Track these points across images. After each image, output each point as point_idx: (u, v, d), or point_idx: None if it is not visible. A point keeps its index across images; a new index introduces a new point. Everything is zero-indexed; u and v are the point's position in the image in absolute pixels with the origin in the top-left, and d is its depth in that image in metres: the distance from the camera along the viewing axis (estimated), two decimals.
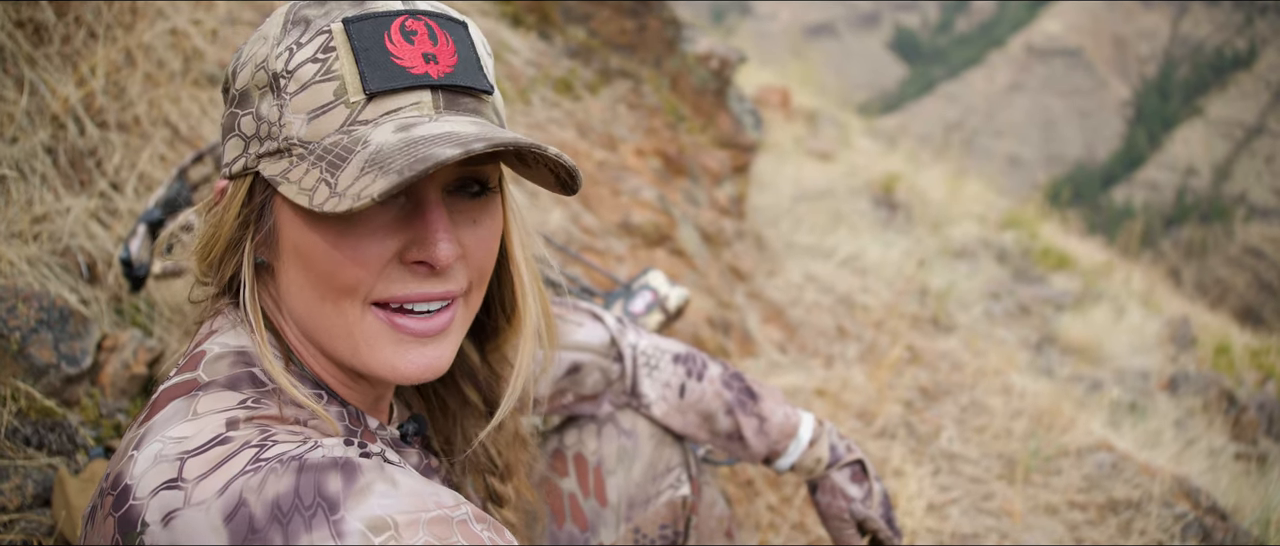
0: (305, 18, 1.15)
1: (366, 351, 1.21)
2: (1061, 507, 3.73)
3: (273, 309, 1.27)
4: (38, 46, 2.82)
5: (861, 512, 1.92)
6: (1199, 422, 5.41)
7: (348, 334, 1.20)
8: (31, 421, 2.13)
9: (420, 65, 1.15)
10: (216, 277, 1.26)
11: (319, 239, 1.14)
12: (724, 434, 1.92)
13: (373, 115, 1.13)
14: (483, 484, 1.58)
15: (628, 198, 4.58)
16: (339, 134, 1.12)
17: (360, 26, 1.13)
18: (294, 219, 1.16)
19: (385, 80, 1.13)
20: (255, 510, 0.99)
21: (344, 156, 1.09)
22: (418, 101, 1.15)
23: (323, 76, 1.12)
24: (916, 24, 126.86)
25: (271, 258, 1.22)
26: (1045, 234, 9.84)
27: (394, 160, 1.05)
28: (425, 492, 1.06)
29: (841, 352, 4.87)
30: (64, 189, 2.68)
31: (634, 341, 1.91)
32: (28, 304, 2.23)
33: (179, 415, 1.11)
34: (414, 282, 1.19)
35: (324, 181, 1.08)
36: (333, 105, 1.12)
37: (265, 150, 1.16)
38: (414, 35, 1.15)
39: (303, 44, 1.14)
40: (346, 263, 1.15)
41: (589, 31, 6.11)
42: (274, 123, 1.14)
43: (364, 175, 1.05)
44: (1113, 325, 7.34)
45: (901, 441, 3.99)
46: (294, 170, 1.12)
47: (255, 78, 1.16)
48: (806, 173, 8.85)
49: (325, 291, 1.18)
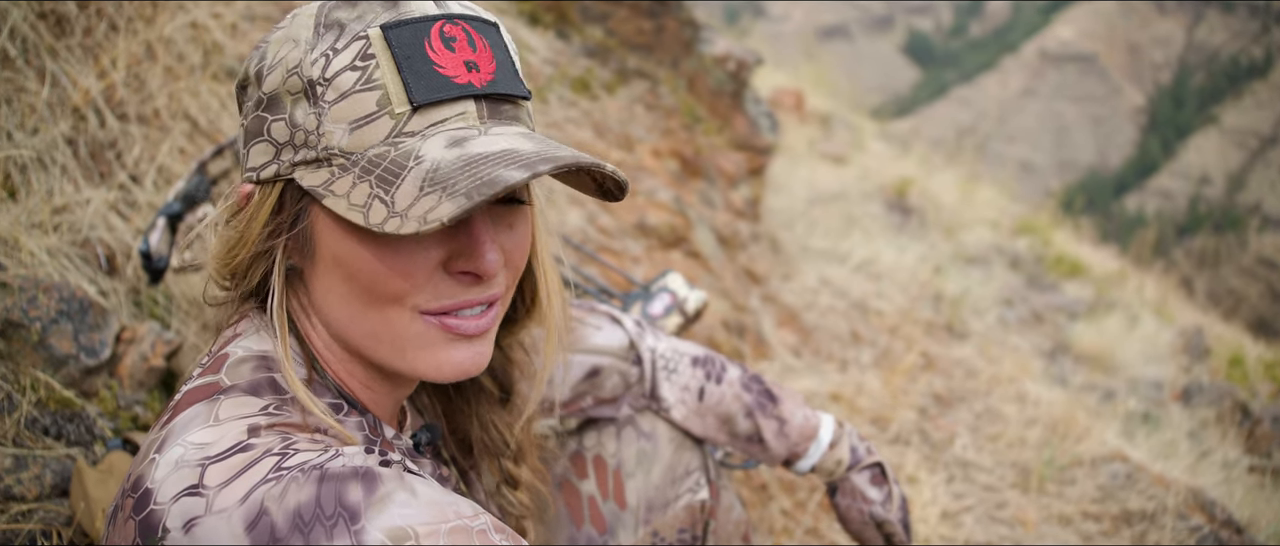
0: (338, 21, 1.13)
1: (413, 354, 1.21)
2: (1075, 518, 3.72)
3: (298, 313, 1.26)
4: (60, 38, 2.83)
5: (881, 515, 1.91)
6: (1213, 434, 5.38)
7: (394, 339, 1.20)
8: (50, 412, 2.13)
9: (463, 74, 1.14)
10: (241, 283, 1.24)
11: (364, 251, 1.14)
12: (744, 436, 1.91)
13: (419, 126, 1.12)
14: (497, 467, 1.58)
15: (644, 199, 4.58)
16: (385, 146, 1.11)
17: (399, 33, 1.11)
18: (335, 229, 1.15)
19: (430, 91, 1.11)
20: (277, 519, 0.99)
21: (396, 171, 1.08)
22: (463, 112, 1.14)
23: (364, 85, 1.11)
24: (930, 27, 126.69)
25: (303, 264, 1.21)
26: (1058, 241, 9.82)
27: (456, 181, 1.04)
28: (444, 502, 1.07)
29: (856, 357, 4.87)
30: (84, 180, 2.68)
31: (653, 345, 1.90)
32: (48, 294, 2.23)
33: (200, 419, 1.11)
34: (460, 290, 1.20)
35: (378, 198, 1.07)
36: (376, 116, 1.11)
37: (300, 158, 1.14)
38: (454, 41, 1.14)
39: (338, 50, 1.11)
40: (393, 274, 1.15)
41: (607, 31, 6.11)
42: (312, 131, 1.12)
43: (425, 195, 1.04)
44: (1126, 334, 7.32)
45: (915, 448, 3.98)
46: (338, 182, 1.11)
47: (287, 83, 1.13)
48: (820, 176, 8.84)
49: (370, 300, 1.17)
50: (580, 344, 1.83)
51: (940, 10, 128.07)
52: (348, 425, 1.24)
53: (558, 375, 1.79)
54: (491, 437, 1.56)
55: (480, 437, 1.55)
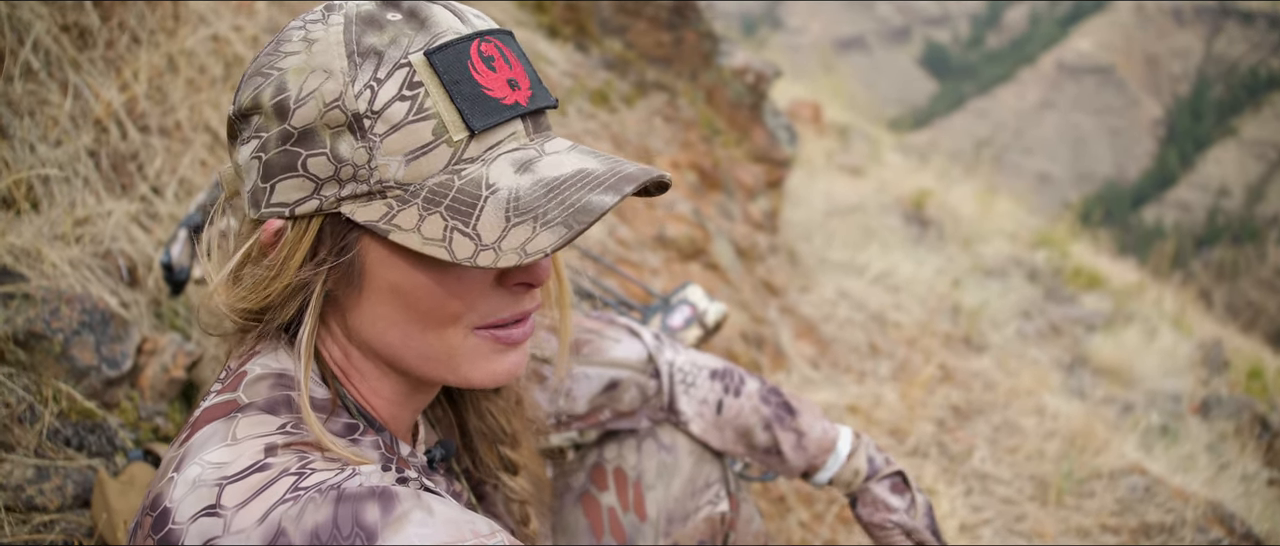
0: (374, 49, 1.10)
1: (468, 366, 1.22)
2: (1094, 531, 3.70)
3: (322, 333, 1.26)
4: (82, 51, 2.85)
5: (907, 523, 1.90)
6: (1232, 447, 5.35)
7: (449, 356, 1.21)
8: (72, 423, 2.15)
9: (509, 94, 1.14)
10: (275, 316, 1.21)
11: (425, 278, 1.14)
12: (762, 449, 1.91)
13: (477, 152, 1.12)
14: (495, 454, 1.58)
15: (663, 211, 4.58)
16: (445, 174, 1.11)
17: (443, 57, 1.10)
18: (391, 259, 1.14)
19: (486, 116, 1.11)
20: (295, 540, 1.00)
21: (470, 202, 1.08)
22: (514, 132, 1.15)
23: (416, 116, 1.09)
24: (947, 39, 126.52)
25: (342, 292, 1.20)
26: (1076, 253, 9.78)
27: (546, 210, 1.06)
28: (461, 521, 1.07)
29: (874, 370, 4.86)
30: (106, 192, 2.70)
31: (671, 358, 1.90)
32: (70, 306, 2.24)
33: (217, 438, 1.11)
34: (514, 302, 1.21)
35: (458, 230, 1.07)
36: (433, 146, 1.10)
37: (348, 193, 1.12)
38: (493, 60, 1.14)
39: (382, 80, 1.09)
40: (452, 297, 1.15)
41: (625, 43, 6.12)
42: (362, 165, 1.10)
43: (515, 225, 1.06)
44: (1144, 346, 7.28)
45: (934, 460, 3.97)
46: (399, 215, 1.10)
47: (326, 116, 1.10)
48: (838, 188, 8.84)
49: (428, 324, 1.18)
50: (598, 356, 1.83)
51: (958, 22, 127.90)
52: (363, 445, 1.23)
53: (575, 388, 1.79)
54: (488, 425, 1.56)
55: (477, 425, 1.55)
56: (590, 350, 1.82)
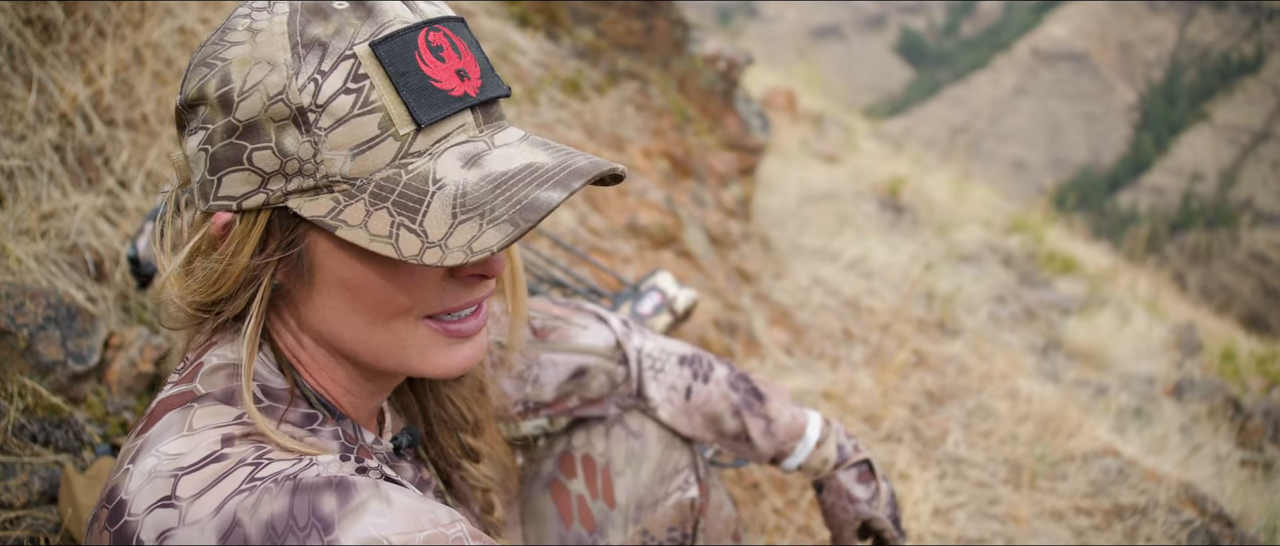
0: (318, 40, 1.08)
1: (419, 358, 1.22)
2: (1067, 513, 3.72)
3: (276, 325, 1.25)
4: (46, 44, 2.83)
5: (867, 513, 1.91)
6: (1205, 428, 5.40)
7: (400, 348, 1.20)
8: (38, 418, 2.13)
9: (458, 84, 1.12)
10: (227, 308, 1.20)
11: (373, 273, 1.13)
12: (731, 435, 1.91)
13: (424, 145, 1.10)
14: (456, 442, 1.58)
15: (635, 199, 4.58)
16: (392, 168, 1.09)
17: (389, 48, 1.08)
18: (339, 253, 1.13)
19: (433, 109, 1.09)
20: (250, 531, 0.99)
21: (416, 197, 1.07)
22: (463, 124, 1.13)
23: (362, 109, 1.07)
24: (922, 27, 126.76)
25: (292, 284, 1.19)
26: (1051, 238, 9.83)
27: (493, 206, 1.05)
28: (420, 510, 1.06)
29: (848, 355, 4.87)
30: (72, 186, 2.68)
31: (639, 345, 1.90)
32: (35, 301, 2.23)
33: (174, 428, 1.10)
34: (465, 292, 1.21)
35: (404, 226, 1.06)
36: (379, 139, 1.08)
37: (294, 187, 1.10)
38: (441, 50, 1.12)
39: (326, 73, 1.07)
40: (402, 291, 1.15)
41: (597, 32, 6.11)
42: (308, 159, 1.08)
43: (462, 222, 1.05)
44: (1118, 330, 7.33)
45: (908, 445, 3.98)
46: (346, 210, 1.09)
47: (270, 110, 1.08)
48: (812, 175, 8.84)
49: (377, 317, 1.17)
50: (565, 343, 1.82)
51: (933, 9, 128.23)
52: (323, 434, 1.22)
53: (542, 375, 1.79)
54: (448, 412, 1.55)
55: (437, 413, 1.54)
56: (557, 337, 1.82)
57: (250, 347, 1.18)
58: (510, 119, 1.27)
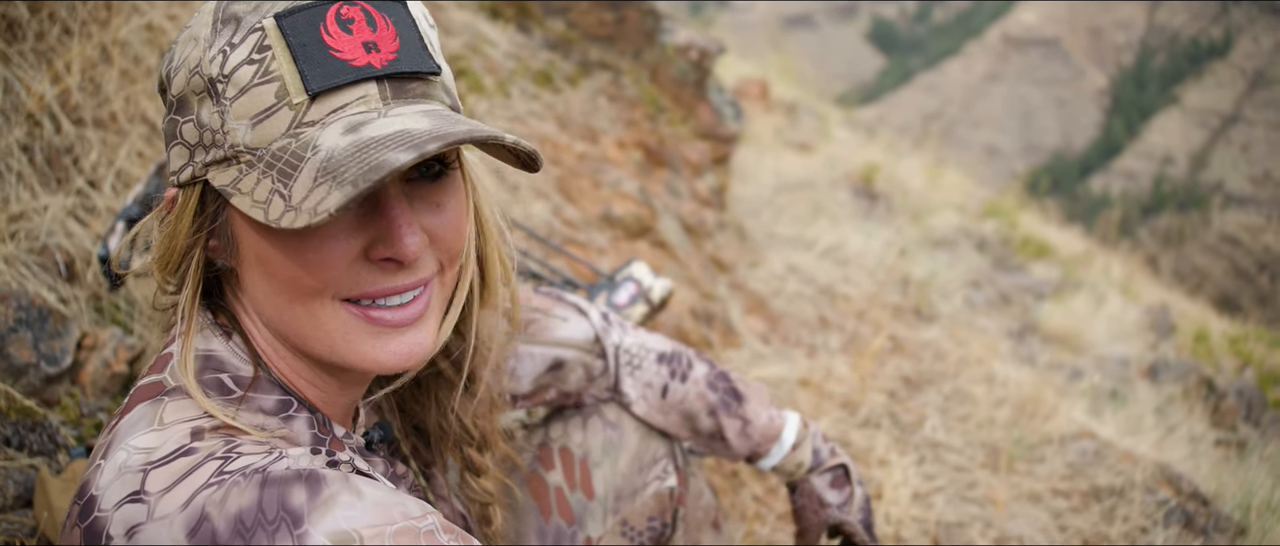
0: (235, 15, 1.09)
1: (345, 346, 1.18)
2: (1045, 495, 3.75)
3: (241, 312, 1.24)
4: (12, 43, 2.80)
5: (837, 518, 1.92)
6: (1179, 409, 5.44)
7: (324, 333, 1.17)
8: (11, 421, 2.11)
9: (362, 56, 1.09)
10: (178, 284, 1.22)
11: (277, 247, 1.11)
12: (705, 434, 1.91)
13: (319, 115, 1.08)
14: (459, 455, 1.57)
15: (609, 190, 4.57)
16: (286, 138, 1.08)
17: (294, 21, 1.07)
18: (249, 228, 1.12)
19: (326, 77, 1.08)
20: (218, 525, 0.99)
21: (295, 164, 1.05)
22: (364, 95, 1.10)
23: (261, 79, 1.07)
24: (894, 14, 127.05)
25: (233, 262, 1.19)
26: (1025, 223, 9.89)
27: (346, 168, 1.01)
28: (391, 503, 1.06)
29: (824, 343, 4.88)
30: (41, 187, 2.66)
31: (618, 340, 1.88)
32: (6, 303, 2.21)
33: (144, 422, 1.10)
34: (383, 278, 1.16)
35: (278, 193, 1.04)
36: (276, 108, 1.07)
37: (212, 158, 1.11)
38: (351, 23, 1.10)
39: (236, 45, 1.08)
40: (310, 269, 1.12)
41: (568, 23, 6.10)
42: (217, 130, 1.09)
43: (318, 186, 1.02)
44: (1092, 313, 7.38)
45: (886, 431, 3.99)
46: (244, 179, 1.08)
47: (191, 83, 1.10)
48: (786, 164, 8.86)
49: (292, 295, 1.15)
50: (544, 335, 1.81)
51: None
52: (297, 423, 1.21)
53: (519, 367, 1.78)
54: (451, 426, 1.54)
55: (440, 426, 1.53)
56: (536, 329, 1.81)
57: (191, 314, 1.19)
58: (481, 112, 1.25)
